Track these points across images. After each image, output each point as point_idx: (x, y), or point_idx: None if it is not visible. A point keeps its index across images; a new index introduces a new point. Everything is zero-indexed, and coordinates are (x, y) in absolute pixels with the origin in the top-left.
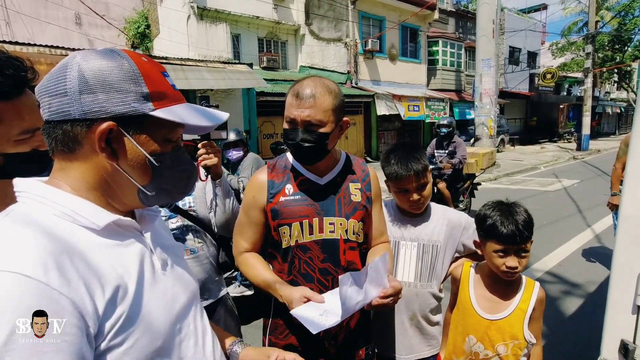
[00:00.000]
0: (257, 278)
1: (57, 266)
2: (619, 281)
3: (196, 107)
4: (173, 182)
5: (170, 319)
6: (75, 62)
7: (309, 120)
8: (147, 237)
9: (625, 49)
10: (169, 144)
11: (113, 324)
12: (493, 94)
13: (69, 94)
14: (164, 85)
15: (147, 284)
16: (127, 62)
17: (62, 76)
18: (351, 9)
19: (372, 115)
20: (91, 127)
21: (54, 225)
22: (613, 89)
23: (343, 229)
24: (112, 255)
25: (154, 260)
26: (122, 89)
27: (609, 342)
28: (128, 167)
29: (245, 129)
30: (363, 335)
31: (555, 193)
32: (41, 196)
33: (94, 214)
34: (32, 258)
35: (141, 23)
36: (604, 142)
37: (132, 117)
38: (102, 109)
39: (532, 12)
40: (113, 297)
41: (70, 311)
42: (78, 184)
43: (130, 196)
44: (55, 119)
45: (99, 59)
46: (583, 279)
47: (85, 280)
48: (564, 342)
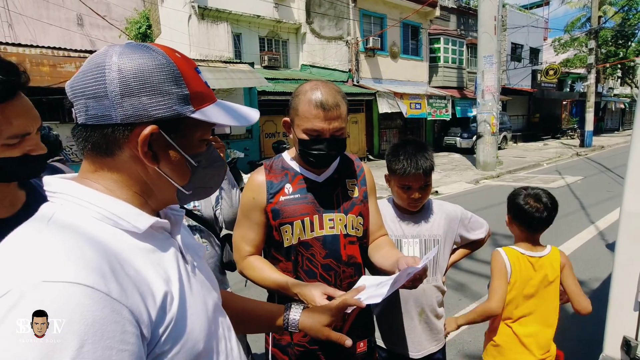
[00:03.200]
0: (266, 280)
1: (114, 275)
2: (621, 278)
3: (228, 105)
4: (207, 179)
5: (207, 320)
6: (114, 62)
7: (337, 130)
8: (177, 239)
9: (629, 44)
10: (204, 143)
11: (164, 330)
12: (495, 90)
13: (110, 97)
14: (200, 84)
15: (186, 288)
16: (166, 60)
17: (100, 77)
18: (352, 6)
19: (374, 113)
20: (133, 130)
21: (100, 230)
22: (616, 84)
23: (342, 225)
24: (154, 260)
25: (186, 262)
26: (165, 91)
27: (611, 338)
28: (168, 170)
29: (247, 128)
30: (364, 327)
31: (558, 190)
32: (78, 197)
33: (135, 217)
34: (90, 267)
35: (142, 23)
36: (607, 138)
37: (173, 120)
38: (145, 113)
39: (534, 8)
40: (163, 304)
41: (129, 320)
42: (115, 186)
43: (169, 196)
44: (94, 124)
45: (138, 58)
46: (586, 276)
47: (138, 287)
48: (567, 338)
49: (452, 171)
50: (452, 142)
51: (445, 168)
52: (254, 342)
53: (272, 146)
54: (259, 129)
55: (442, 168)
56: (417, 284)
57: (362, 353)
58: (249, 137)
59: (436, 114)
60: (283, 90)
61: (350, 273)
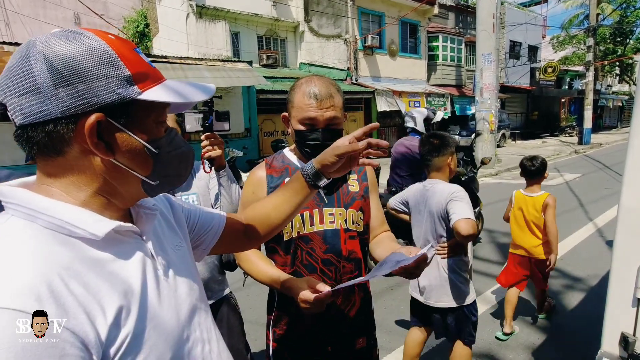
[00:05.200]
0: (261, 274)
1: (53, 295)
2: (619, 274)
3: (179, 83)
4: (173, 166)
5: (177, 327)
6: (38, 51)
7: (332, 120)
8: (147, 242)
9: (627, 41)
10: (161, 127)
11: (118, 347)
12: (494, 88)
13: (42, 90)
14: (143, 64)
15: (151, 296)
16: (97, 43)
17: (26, 70)
18: (350, 5)
19: (373, 111)
20: (77, 123)
21: (47, 243)
22: (615, 82)
23: (342, 219)
24: (112, 271)
25: (157, 267)
26: (102, 75)
27: (609, 334)
28: (126, 160)
29: (246, 127)
30: (364, 324)
31: (556, 187)
32: (29, 207)
33: (92, 222)
34: (25, 291)
35: (140, 22)
36: (605, 135)
37: (119, 105)
38: (85, 101)
39: (533, 5)
40: (116, 320)
41: (71, 342)
42: (72, 188)
43: (134, 190)
44: (33, 122)
45: (65, 44)
46: (585, 273)
47: (84, 306)
48: (566, 335)
49: None
50: None
51: None
52: (254, 341)
53: (270, 145)
54: (257, 127)
55: None
56: (417, 272)
57: (361, 349)
58: (248, 136)
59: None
60: (281, 89)
61: (350, 268)
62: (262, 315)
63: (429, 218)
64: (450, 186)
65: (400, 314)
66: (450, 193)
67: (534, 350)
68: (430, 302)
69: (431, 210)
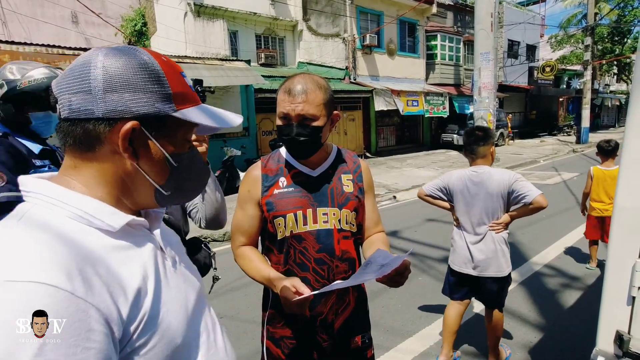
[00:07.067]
0: (253, 271)
1: (81, 273)
2: (614, 272)
3: (211, 109)
4: (188, 181)
5: (186, 316)
6: (99, 60)
7: (303, 115)
8: (156, 236)
9: (625, 40)
10: (186, 144)
11: (137, 326)
12: (492, 87)
13: (92, 92)
14: (184, 86)
15: (163, 284)
16: (150, 60)
17: (85, 73)
18: (349, 4)
19: (371, 110)
20: (114, 126)
21: (71, 229)
22: (613, 81)
23: (336, 219)
24: (129, 257)
25: (166, 258)
26: (147, 89)
27: (604, 332)
28: (147, 167)
29: (244, 126)
30: (359, 323)
31: (554, 186)
32: (52, 197)
33: (109, 215)
34: (56, 266)
35: (138, 21)
36: (603, 134)
37: (155, 118)
38: (127, 109)
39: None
40: (135, 300)
41: (96, 319)
42: (92, 182)
43: (146, 195)
44: (76, 117)
45: (123, 58)
46: (582, 272)
47: (108, 286)
48: (563, 333)
49: (449, 168)
50: (449, 140)
51: (443, 165)
52: (252, 340)
53: (269, 144)
54: (255, 126)
55: (439, 165)
56: (401, 281)
57: (356, 348)
58: (246, 135)
59: (433, 111)
60: None
61: (343, 268)
62: (259, 314)
63: (487, 198)
64: (508, 171)
65: (399, 313)
66: (512, 175)
67: (530, 349)
68: (488, 272)
69: (490, 192)
